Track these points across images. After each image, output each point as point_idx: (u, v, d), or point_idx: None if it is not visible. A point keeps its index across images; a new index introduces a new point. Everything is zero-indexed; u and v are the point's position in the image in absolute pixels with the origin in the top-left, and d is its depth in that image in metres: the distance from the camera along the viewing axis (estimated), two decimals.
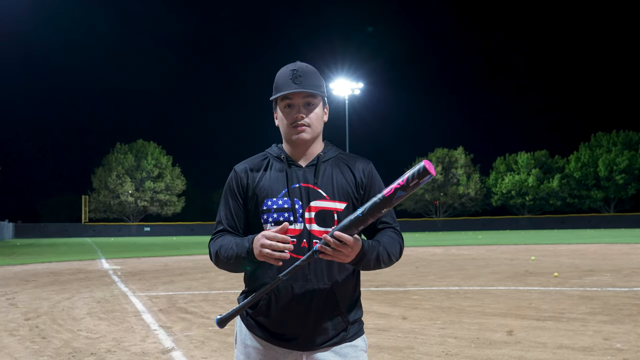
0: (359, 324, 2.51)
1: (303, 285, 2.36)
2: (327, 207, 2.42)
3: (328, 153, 2.54)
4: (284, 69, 2.48)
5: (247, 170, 2.52)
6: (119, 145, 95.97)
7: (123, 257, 26.40)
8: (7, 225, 75.38)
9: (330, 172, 2.48)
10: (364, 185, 2.50)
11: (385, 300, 10.76)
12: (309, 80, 2.43)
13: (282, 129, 2.49)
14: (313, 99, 2.46)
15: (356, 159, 2.56)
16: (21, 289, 13.54)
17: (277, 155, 2.53)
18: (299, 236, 2.39)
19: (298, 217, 2.40)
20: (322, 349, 2.41)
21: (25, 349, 7.10)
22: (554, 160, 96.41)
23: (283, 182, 2.45)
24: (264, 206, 2.43)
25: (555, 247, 30.29)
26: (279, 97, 2.45)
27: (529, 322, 8.27)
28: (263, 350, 2.44)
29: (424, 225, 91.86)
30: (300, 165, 2.49)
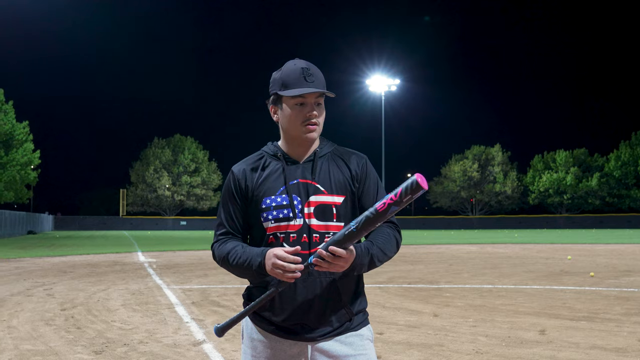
0: (363, 314, 2.52)
1: (306, 278, 2.38)
2: (326, 201, 2.43)
3: (324, 148, 2.55)
4: (292, 65, 2.45)
5: (245, 171, 2.53)
6: (157, 139, 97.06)
7: (159, 251, 26.73)
8: (47, 218, 76.83)
9: (327, 167, 2.49)
10: (359, 178, 2.51)
11: (418, 297, 10.72)
12: (319, 80, 2.44)
13: (289, 126, 2.47)
14: (322, 99, 2.47)
15: (351, 153, 2.58)
16: (59, 280, 13.80)
17: (274, 153, 2.54)
18: (299, 231, 2.41)
19: (297, 212, 2.41)
20: (326, 339, 2.42)
21: (60, 338, 7.24)
22: (593, 159, 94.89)
23: (281, 180, 2.46)
24: (263, 204, 2.45)
25: (592, 246, 29.84)
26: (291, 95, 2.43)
27: (562, 321, 8.17)
28: (269, 343, 2.46)
29: (460, 223, 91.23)
30: (297, 162, 2.50)
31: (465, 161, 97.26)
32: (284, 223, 2.41)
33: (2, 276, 14.77)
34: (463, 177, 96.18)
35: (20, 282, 13.46)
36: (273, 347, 2.45)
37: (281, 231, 2.42)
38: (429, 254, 23.97)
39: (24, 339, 7.21)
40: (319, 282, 2.39)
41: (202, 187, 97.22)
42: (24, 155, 59.06)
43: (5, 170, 57.49)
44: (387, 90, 68.82)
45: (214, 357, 6.29)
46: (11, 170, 57.69)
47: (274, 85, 2.49)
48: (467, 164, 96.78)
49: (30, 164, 60.40)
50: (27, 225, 58.38)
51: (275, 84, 2.47)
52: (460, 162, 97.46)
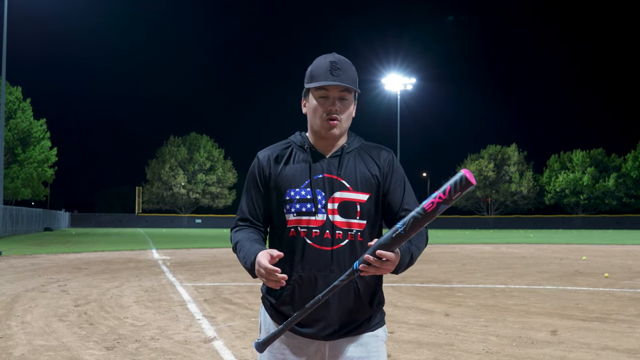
0: (380, 314, 2.52)
1: (326, 276, 2.37)
2: (350, 198, 2.41)
3: (352, 144, 2.52)
4: (322, 59, 2.45)
5: (270, 158, 2.51)
6: (173, 138, 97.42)
7: (173, 248, 26.85)
8: (63, 215, 77.36)
9: (353, 163, 2.46)
10: (385, 174, 2.48)
11: (430, 296, 10.71)
12: (347, 75, 2.40)
13: (313, 119, 2.46)
14: (348, 94, 2.43)
15: (379, 148, 2.54)
16: (73, 277, 13.91)
17: (301, 144, 2.51)
18: (321, 227, 2.39)
19: (320, 208, 2.39)
20: (344, 339, 2.42)
21: (72, 334, 7.30)
22: (610, 159, 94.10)
23: (306, 173, 2.44)
24: (287, 196, 2.43)
25: (608, 247, 29.64)
26: (313, 87, 2.43)
27: (574, 322, 8.13)
28: (286, 340, 2.46)
29: (475, 223, 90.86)
30: (324, 156, 2.48)
31: (481, 160, 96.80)
32: (305, 217, 2.40)
33: (18, 272, 14.91)
34: (479, 176, 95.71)
35: (35, 278, 13.58)
36: (290, 343, 2.45)
37: (302, 225, 2.40)
38: (443, 253, 23.90)
39: (37, 334, 7.28)
40: (338, 276, 2.34)
41: (218, 185, 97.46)
42: (41, 153, 59.61)
43: (23, 167, 58.04)
44: (402, 89, 68.64)
45: (224, 354, 6.32)
46: (28, 167, 58.24)
47: (305, 79, 2.49)
48: (483, 164, 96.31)
49: (47, 162, 60.95)
50: (43, 222, 58.80)
51: (306, 77, 2.48)
52: (475, 162, 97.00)
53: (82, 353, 6.31)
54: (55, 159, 62.38)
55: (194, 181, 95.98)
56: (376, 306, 2.49)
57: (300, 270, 2.38)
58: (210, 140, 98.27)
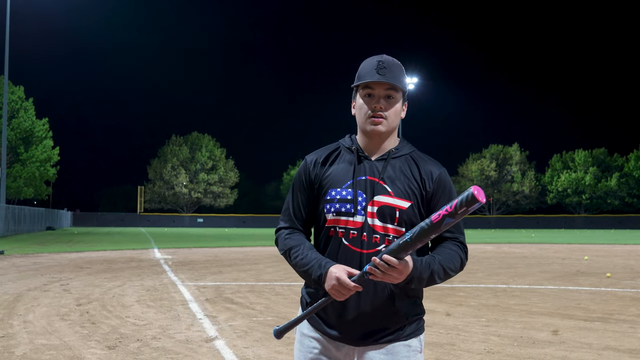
0: (417, 323, 2.46)
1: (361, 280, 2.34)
2: (391, 203, 2.37)
3: (401, 150, 2.49)
4: (370, 59, 2.46)
5: (317, 160, 2.51)
6: (175, 137, 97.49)
7: (175, 247, 26.86)
8: (65, 214, 77.44)
9: (399, 170, 2.43)
10: (431, 190, 2.43)
11: (431, 296, 10.70)
12: (393, 74, 2.40)
13: (359, 118, 2.46)
14: (394, 92, 2.42)
15: (429, 161, 2.49)
16: (75, 276, 13.93)
17: (349, 146, 2.51)
18: (359, 229, 2.37)
19: (359, 209, 2.37)
20: (374, 346, 2.39)
21: (74, 333, 7.32)
22: (612, 159, 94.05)
23: (349, 174, 2.43)
24: (328, 196, 2.42)
25: (610, 247, 29.62)
26: (360, 86, 2.43)
27: (575, 322, 8.13)
28: (318, 341, 2.45)
29: (477, 222, 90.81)
30: (370, 159, 2.46)
31: (483, 160, 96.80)
32: (344, 218, 2.38)
33: (20, 271, 14.93)
34: (480, 176, 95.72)
35: (38, 277, 13.60)
36: (321, 345, 2.44)
37: (341, 226, 2.39)
38: None
39: (39, 333, 7.29)
40: (373, 285, 2.33)
41: (219, 185, 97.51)
42: (43, 152, 59.68)
43: (25, 166, 58.13)
44: None
45: (225, 353, 6.33)
46: (31, 166, 58.33)
47: (355, 80, 2.49)
48: (485, 163, 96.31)
49: (50, 161, 61.03)
50: (46, 221, 58.87)
51: (355, 78, 2.49)
52: (477, 161, 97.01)
53: (84, 352, 6.33)
54: (58, 158, 62.45)
55: (196, 180, 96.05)
56: (412, 317, 2.43)
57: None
58: (212, 140, 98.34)
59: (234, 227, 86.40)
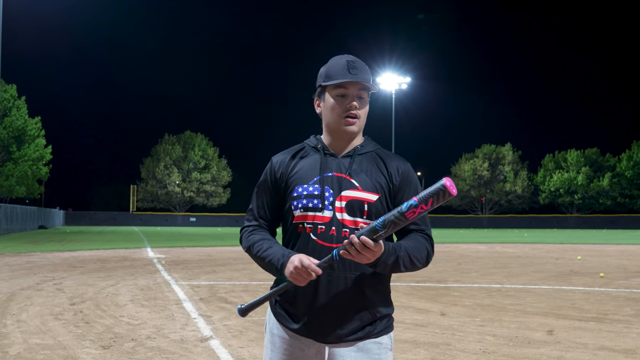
0: (387, 320, 2.47)
1: (330, 274, 2.35)
2: (358, 197, 2.40)
3: (366, 147, 2.52)
4: (338, 58, 2.47)
5: (283, 160, 2.54)
6: (167, 136, 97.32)
7: (168, 247, 26.81)
8: (58, 213, 77.21)
9: (365, 165, 2.46)
10: (397, 184, 2.46)
11: (426, 296, 10.71)
12: (364, 74, 2.43)
13: (330, 117, 2.47)
14: (365, 92, 2.45)
15: (394, 157, 2.53)
16: (68, 275, 13.87)
17: (314, 145, 2.53)
18: (328, 224, 2.39)
19: (327, 204, 2.39)
20: (345, 343, 2.39)
21: (68, 332, 7.28)
22: (604, 159, 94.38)
23: (316, 170, 2.45)
24: (295, 193, 2.44)
25: (603, 247, 29.71)
26: (330, 85, 2.44)
27: (570, 322, 8.14)
28: (288, 340, 2.45)
29: (469, 222, 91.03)
30: (336, 156, 2.49)
31: (476, 160, 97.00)
32: (311, 213, 2.40)
33: (13, 270, 14.86)
34: (473, 176, 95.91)
35: (31, 276, 13.53)
36: (291, 344, 2.44)
37: (308, 221, 2.40)
38: (438, 252, 23.89)
39: (33, 332, 7.25)
40: (344, 278, 2.35)
41: (212, 184, 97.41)
42: (35, 151, 59.46)
43: (18, 165, 57.90)
44: (397, 88, 68.73)
45: (220, 353, 6.31)
46: (23, 165, 58.10)
47: (319, 78, 2.51)
48: (478, 163, 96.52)
49: (42, 160, 60.80)
50: (38, 220, 58.68)
51: (321, 76, 2.50)
52: (470, 161, 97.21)
53: (78, 352, 6.29)
54: (50, 157, 62.22)
55: (189, 179, 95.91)
56: (382, 311, 2.45)
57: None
58: (205, 139, 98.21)
59: (226, 226, 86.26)
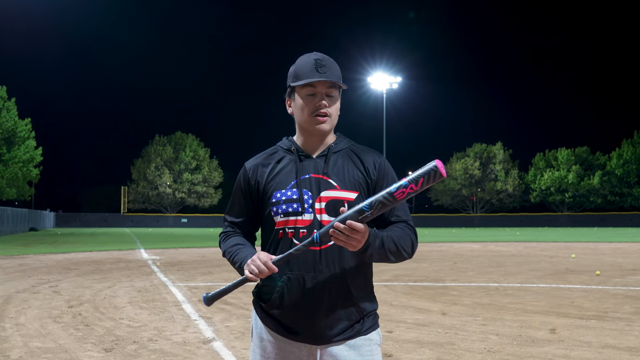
0: (374, 317, 2.48)
1: (315, 276, 2.33)
2: (338, 196, 2.38)
3: (339, 144, 2.51)
4: (306, 57, 2.44)
5: (257, 165, 2.51)
6: (158, 137, 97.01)
7: (161, 248, 26.71)
8: (48, 215, 76.82)
9: (341, 163, 2.45)
10: (375, 178, 2.46)
11: (424, 295, 10.69)
12: (333, 72, 2.41)
13: (301, 117, 2.44)
14: (335, 90, 2.43)
15: (368, 151, 2.52)
16: (64, 277, 13.77)
17: (288, 147, 2.51)
18: (309, 227, 2.36)
19: (307, 207, 2.37)
20: (335, 342, 2.37)
21: (69, 335, 7.21)
22: (595, 157, 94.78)
23: (292, 174, 2.43)
24: (273, 198, 2.42)
25: (596, 245, 29.81)
26: (299, 85, 2.41)
27: (572, 320, 8.14)
28: (278, 344, 2.42)
29: (461, 221, 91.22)
30: (311, 157, 2.46)
31: (467, 159, 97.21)
32: (292, 217, 2.38)
33: (7, 273, 14.75)
34: (464, 175, 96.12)
35: (25, 279, 13.43)
36: (282, 348, 2.42)
37: (290, 226, 2.38)
38: (432, 252, 23.93)
39: (33, 336, 7.18)
40: (328, 279, 2.34)
41: (203, 185, 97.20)
42: (26, 152, 59.11)
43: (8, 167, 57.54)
44: (388, 87, 68.78)
45: (224, 355, 6.26)
46: (13, 167, 57.74)
47: (289, 78, 2.48)
48: (469, 162, 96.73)
49: (32, 161, 60.45)
50: (28, 222, 58.36)
51: (290, 76, 2.47)
52: (461, 160, 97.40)
53: (80, 355, 6.23)
54: (41, 159, 61.87)
55: (180, 180, 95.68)
56: (369, 308, 2.45)
57: (289, 272, 2.34)
58: (196, 140, 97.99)
59: (218, 227, 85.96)
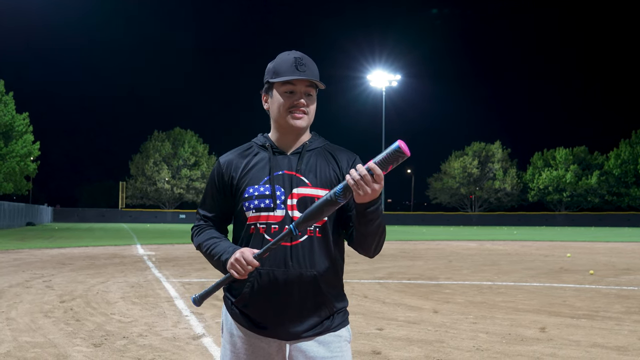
0: (343, 314, 2.50)
1: (285, 272, 2.35)
2: (310, 194, 2.41)
3: (314, 143, 2.54)
4: (285, 55, 2.47)
5: (232, 161, 2.53)
6: (157, 132, 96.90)
7: (158, 244, 26.70)
8: (46, 209, 76.77)
9: (314, 161, 2.48)
10: None
11: (417, 293, 10.70)
12: (312, 71, 2.44)
13: (277, 113, 2.46)
14: (313, 90, 2.46)
15: (342, 151, 2.57)
16: (57, 272, 13.77)
17: (262, 143, 2.53)
18: (280, 222, 2.39)
19: (279, 203, 2.40)
20: (305, 338, 2.40)
21: (59, 330, 7.22)
22: (593, 157, 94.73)
23: (266, 170, 2.46)
24: (246, 194, 2.44)
25: (592, 244, 29.83)
26: (278, 82, 2.44)
27: (562, 319, 8.15)
28: (248, 340, 2.45)
29: (459, 220, 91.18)
30: (285, 153, 2.49)
31: (465, 157, 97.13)
32: (264, 213, 2.40)
33: (1, 267, 14.75)
34: (463, 173, 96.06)
35: (19, 273, 13.43)
36: (252, 343, 2.44)
37: (261, 222, 2.41)
38: (428, 250, 23.96)
39: (22, 330, 7.19)
40: (299, 276, 2.36)
41: (202, 181, 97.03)
42: (23, 147, 59.02)
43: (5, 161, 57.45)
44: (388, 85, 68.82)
45: (213, 351, 6.27)
46: (11, 161, 57.65)
47: (267, 74, 2.51)
48: (467, 161, 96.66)
49: (30, 156, 60.37)
50: (26, 216, 58.33)
51: (269, 72, 2.50)
52: (460, 159, 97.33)
53: (69, 350, 6.24)
54: (38, 153, 61.77)
55: (178, 176, 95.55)
56: (339, 305, 2.48)
57: (260, 267, 2.35)
58: (194, 136, 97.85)
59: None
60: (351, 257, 18.28)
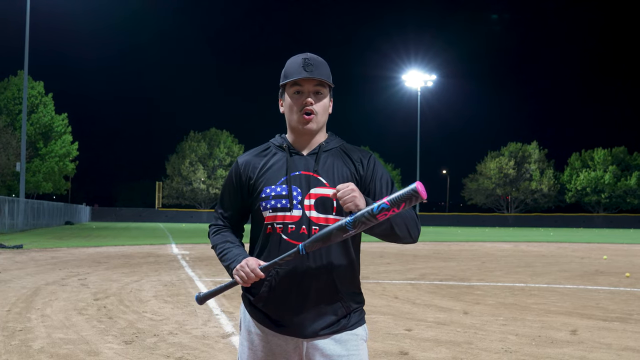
0: (360, 313, 2.52)
1: (302, 271, 2.39)
2: (327, 194, 2.43)
3: (330, 143, 2.56)
4: (295, 57, 2.51)
5: (249, 161, 2.57)
6: (193, 133, 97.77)
7: (192, 243, 26.94)
8: (84, 209, 77.99)
9: (331, 161, 2.50)
10: (364, 174, 2.51)
11: (448, 294, 10.65)
12: (320, 70, 2.46)
13: (289, 115, 2.52)
14: (322, 88, 2.48)
15: (358, 150, 2.58)
16: (93, 270, 14.01)
17: (280, 144, 2.57)
18: (297, 222, 2.42)
19: (296, 203, 2.43)
20: (322, 336, 2.42)
21: (92, 327, 7.35)
22: (632, 157, 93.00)
23: (283, 170, 2.49)
24: (263, 194, 2.48)
25: (630, 246, 29.33)
26: (288, 84, 2.49)
27: (594, 322, 8.04)
28: (265, 337, 2.48)
29: (494, 221, 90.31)
30: (302, 154, 2.52)
31: (501, 158, 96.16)
32: (281, 213, 2.43)
33: (39, 265, 15.05)
34: (499, 174, 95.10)
35: (56, 271, 13.69)
36: (269, 341, 2.47)
37: (278, 221, 2.44)
38: (462, 251, 23.79)
39: (56, 327, 7.34)
40: (316, 274, 2.39)
41: None
42: (62, 147, 60.19)
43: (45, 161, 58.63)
44: (423, 85, 68.50)
45: None
46: (50, 161, 58.83)
47: (280, 79, 2.56)
48: (503, 161, 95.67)
49: (69, 156, 61.54)
50: (64, 216, 59.30)
51: (281, 76, 2.55)
52: (496, 159, 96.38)
53: (100, 347, 6.35)
54: (77, 154, 62.95)
55: (214, 176, 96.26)
56: (355, 303, 2.50)
57: (277, 266, 2.38)
58: (230, 136, 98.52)
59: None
60: (384, 258, 18.26)
